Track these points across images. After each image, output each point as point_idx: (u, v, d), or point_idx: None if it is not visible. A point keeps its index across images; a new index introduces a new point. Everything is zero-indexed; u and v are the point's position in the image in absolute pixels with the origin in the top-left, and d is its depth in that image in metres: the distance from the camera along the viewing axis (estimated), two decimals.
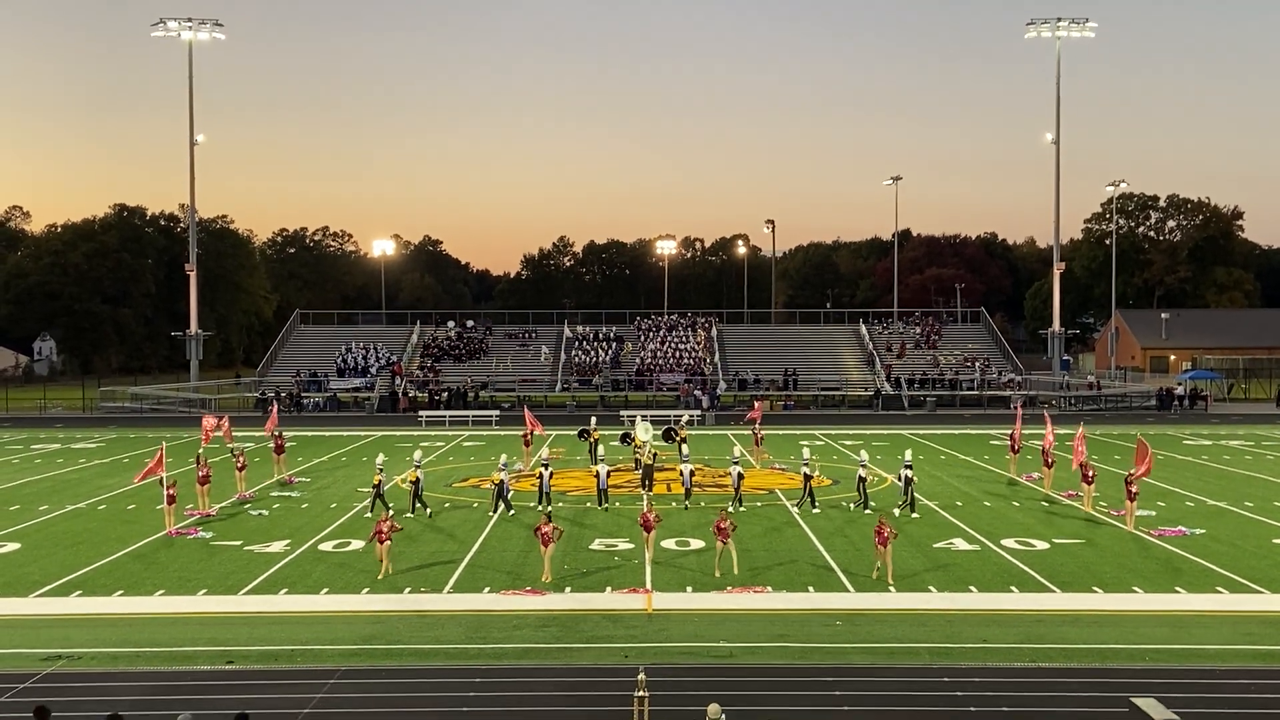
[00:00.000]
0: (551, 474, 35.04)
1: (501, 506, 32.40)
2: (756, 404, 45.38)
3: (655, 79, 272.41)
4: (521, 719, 14.07)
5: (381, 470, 33.28)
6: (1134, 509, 30.28)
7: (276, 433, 41.24)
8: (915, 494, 32.87)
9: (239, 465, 36.36)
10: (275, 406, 44.68)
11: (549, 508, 31.43)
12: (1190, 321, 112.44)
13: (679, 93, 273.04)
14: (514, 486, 36.82)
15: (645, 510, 25.21)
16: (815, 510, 32.61)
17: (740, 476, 34.06)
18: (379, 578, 24.30)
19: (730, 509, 31.33)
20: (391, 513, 29.00)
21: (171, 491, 30.21)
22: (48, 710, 12.91)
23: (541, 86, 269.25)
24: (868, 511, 32.11)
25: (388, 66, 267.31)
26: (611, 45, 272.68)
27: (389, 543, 24.68)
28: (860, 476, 33.37)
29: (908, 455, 33.64)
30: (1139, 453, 32.31)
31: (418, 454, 35.41)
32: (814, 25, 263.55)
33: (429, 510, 32.31)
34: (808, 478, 33.48)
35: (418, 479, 32.86)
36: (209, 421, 40.73)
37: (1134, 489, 30.34)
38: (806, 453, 35.75)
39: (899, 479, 33.25)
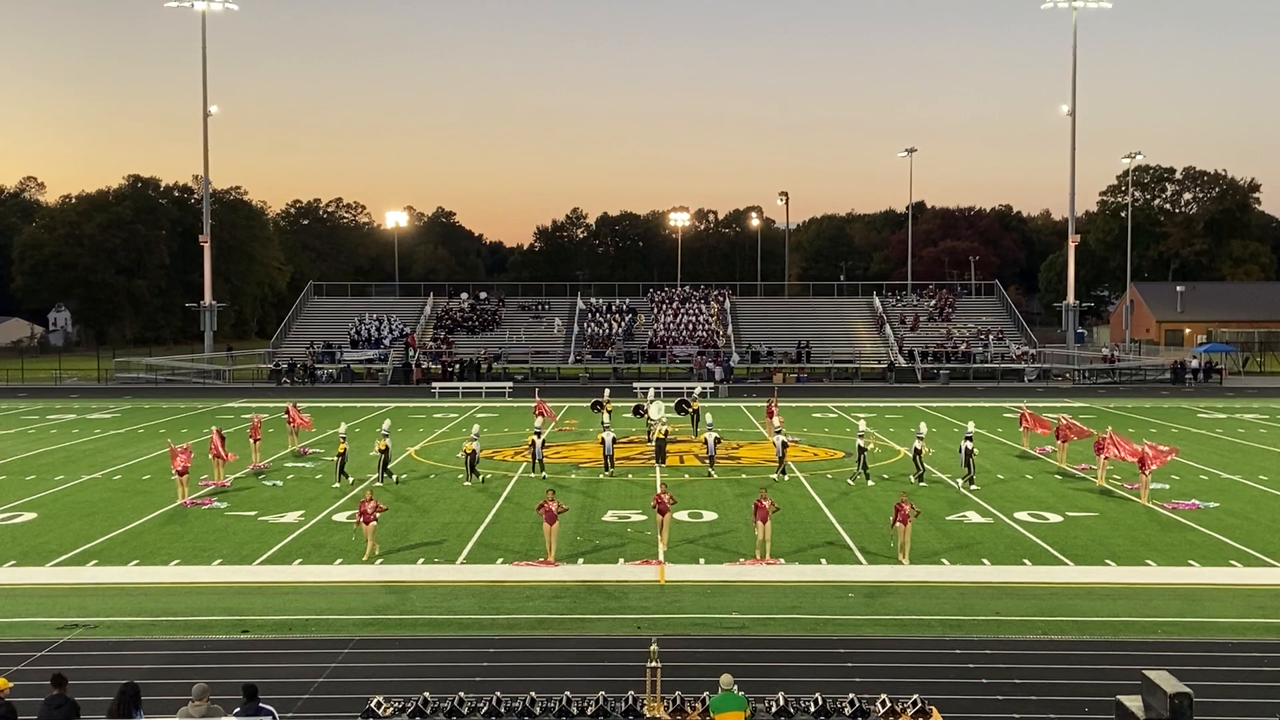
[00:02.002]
0: (544, 442, 35.84)
1: (475, 476, 33.21)
2: (774, 408, 45.03)
3: (668, 49, 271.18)
4: (534, 689, 14.12)
5: (344, 439, 33.71)
6: (1148, 482, 30.19)
7: (292, 402, 41.17)
8: (972, 466, 32.60)
9: (253, 437, 36.52)
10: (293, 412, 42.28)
11: (543, 473, 33.65)
12: (1206, 294, 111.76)
13: (691, 63, 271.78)
14: (517, 458, 36.89)
15: (659, 492, 24.87)
16: (870, 483, 32.71)
17: (785, 446, 34.49)
18: (363, 559, 23.72)
19: (775, 478, 33.08)
20: (345, 481, 31.30)
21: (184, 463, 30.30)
22: (64, 678, 13.00)
23: (554, 57, 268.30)
24: (923, 484, 32.09)
25: (401, 38, 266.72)
26: (626, 16, 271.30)
27: (374, 523, 24.02)
28: (916, 449, 33.17)
29: (971, 427, 34.21)
30: (1150, 456, 31.06)
31: (385, 423, 35.91)
32: None
33: (395, 478, 32.80)
34: (862, 450, 33.59)
35: (385, 448, 33.39)
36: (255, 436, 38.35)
37: (1143, 459, 30.11)
38: (862, 424, 35.79)
39: (960, 450, 33.21)
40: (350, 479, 32.57)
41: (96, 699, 13.79)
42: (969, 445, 32.72)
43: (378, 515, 24.21)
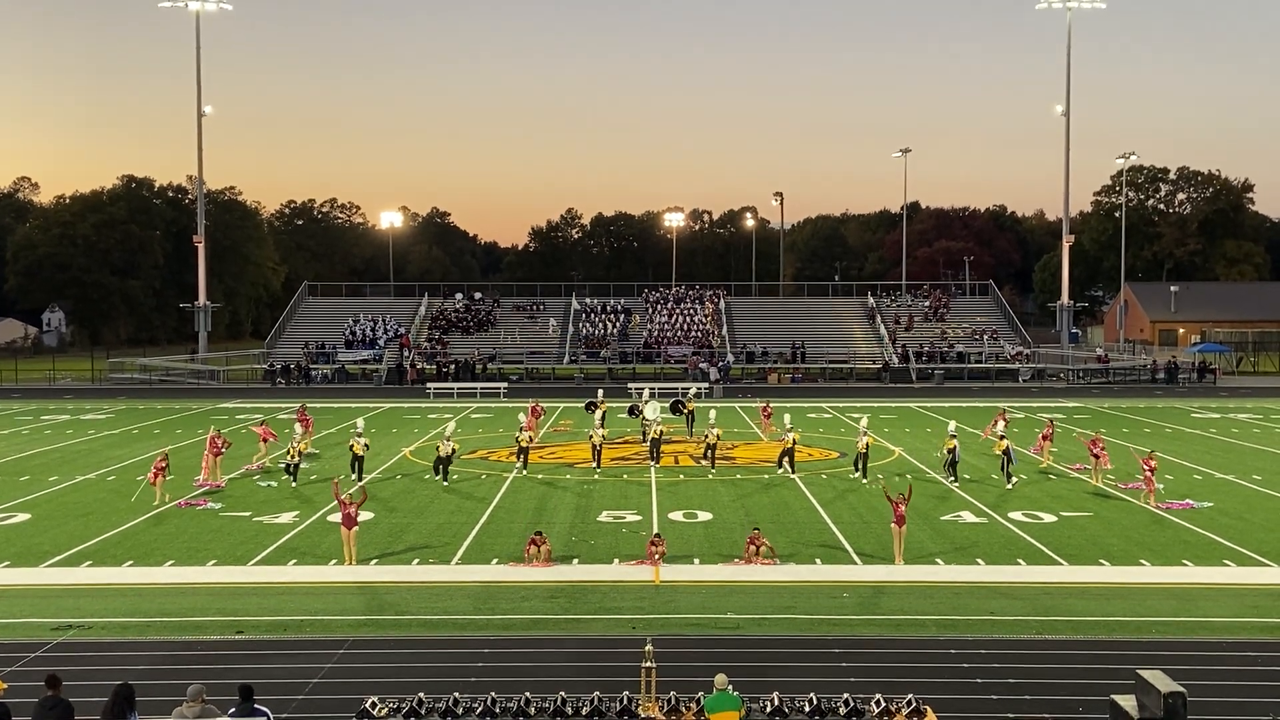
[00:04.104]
0: (530, 439, 36.59)
1: (439, 475, 33.17)
2: (764, 411, 45.37)
3: (663, 50, 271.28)
4: (529, 689, 14.12)
5: (299, 440, 33.73)
6: (1154, 485, 29.70)
7: (302, 404, 41.21)
8: (1008, 465, 32.75)
9: (261, 437, 36.49)
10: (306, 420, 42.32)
11: (523, 469, 34.49)
12: (1200, 294, 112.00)
13: (686, 64, 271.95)
14: (511, 459, 36.63)
15: (651, 541, 23.74)
16: (865, 481, 32.88)
17: (793, 444, 34.78)
18: (348, 563, 23.31)
19: (784, 472, 34.03)
20: (289, 481, 32.06)
21: (162, 465, 30.25)
22: (59, 679, 12.98)
23: (549, 58, 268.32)
24: (955, 484, 32.17)
25: (396, 38, 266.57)
26: (620, 17, 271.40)
27: (356, 529, 23.51)
28: (951, 449, 33.16)
29: (1000, 427, 34.21)
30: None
31: (359, 423, 35.84)
32: None
33: (359, 482, 32.59)
34: (866, 448, 33.78)
35: (365, 447, 33.59)
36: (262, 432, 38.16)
37: (1153, 463, 29.89)
38: (864, 422, 35.79)
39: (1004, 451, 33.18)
40: (293, 481, 32.85)
41: (91, 700, 13.76)
42: (1006, 444, 32.85)
43: (358, 520, 23.55)
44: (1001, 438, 33.37)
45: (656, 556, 23.13)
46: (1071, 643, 18.31)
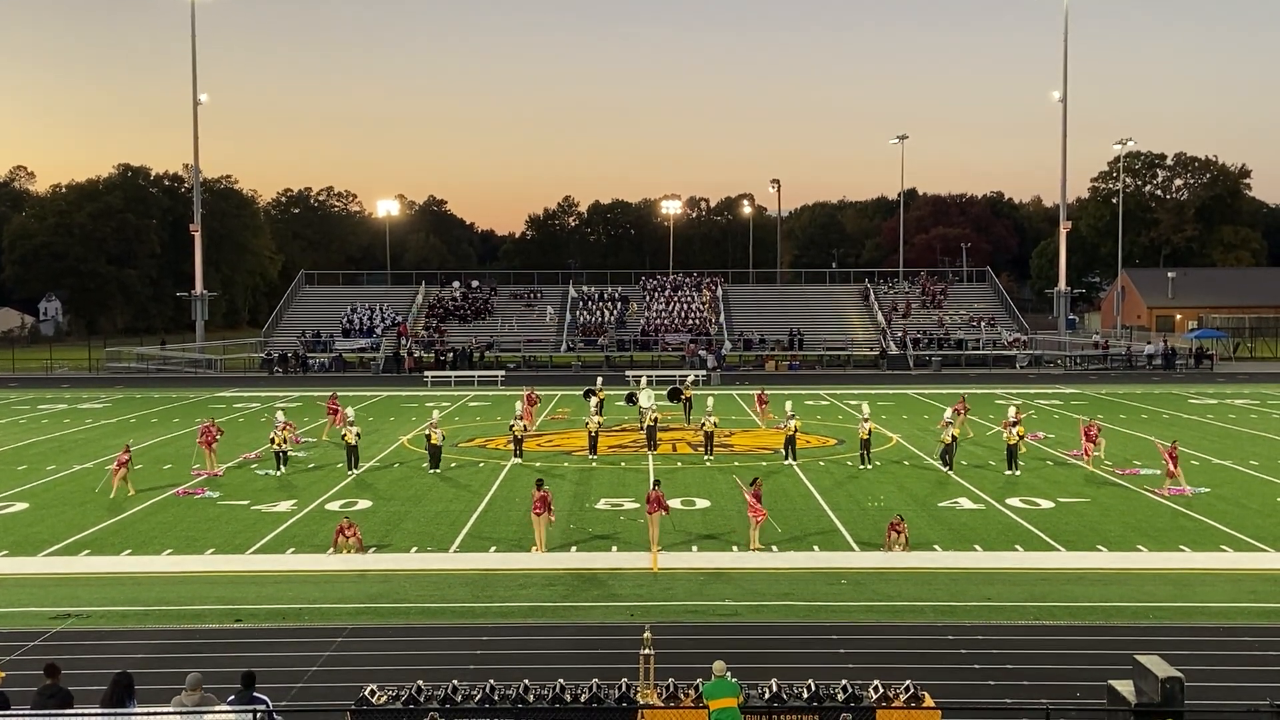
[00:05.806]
0: (525, 428, 36.41)
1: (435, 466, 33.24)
2: (760, 399, 45.51)
3: (660, 38, 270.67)
4: (528, 677, 14.14)
5: (283, 427, 33.67)
6: (1179, 474, 29.53)
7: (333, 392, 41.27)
8: (1015, 452, 32.85)
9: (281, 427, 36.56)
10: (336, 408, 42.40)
11: (518, 458, 34.28)
12: (1197, 280, 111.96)
13: (683, 51, 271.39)
14: (507, 447, 36.55)
15: (653, 490, 24.22)
16: (865, 466, 33.00)
17: (795, 431, 34.78)
18: (346, 552, 23.25)
19: (787, 461, 33.90)
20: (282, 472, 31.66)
21: (124, 458, 30.15)
22: (58, 667, 12.99)
23: (545, 45, 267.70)
24: (951, 472, 32.18)
25: (392, 26, 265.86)
26: (617, 4, 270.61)
27: (354, 542, 23.33)
28: (953, 435, 33.23)
29: (1011, 413, 34.10)
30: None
31: (350, 412, 35.74)
32: None
33: (354, 471, 32.76)
34: (869, 435, 33.80)
35: (357, 435, 33.58)
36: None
37: (1175, 454, 29.72)
38: (866, 409, 35.76)
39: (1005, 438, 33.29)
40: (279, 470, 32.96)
41: (90, 689, 13.78)
42: (1015, 430, 32.91)
43: (355, 537, 23.46)
44: (1013, 424, 33.30)
45: (662, 502, 23.17)
46: (1069, 628, 18.35)
